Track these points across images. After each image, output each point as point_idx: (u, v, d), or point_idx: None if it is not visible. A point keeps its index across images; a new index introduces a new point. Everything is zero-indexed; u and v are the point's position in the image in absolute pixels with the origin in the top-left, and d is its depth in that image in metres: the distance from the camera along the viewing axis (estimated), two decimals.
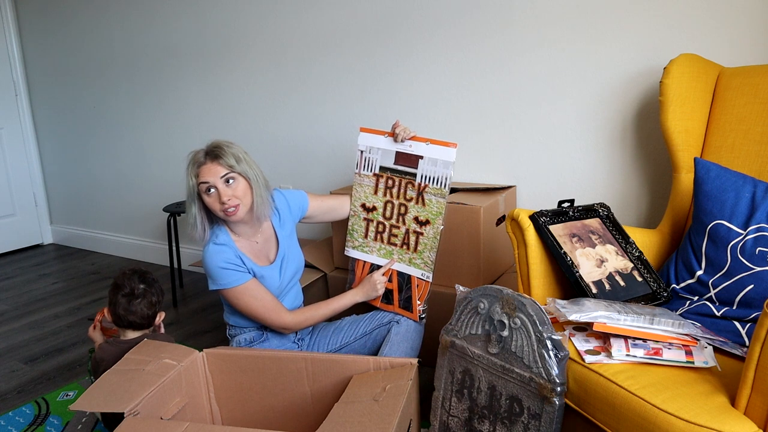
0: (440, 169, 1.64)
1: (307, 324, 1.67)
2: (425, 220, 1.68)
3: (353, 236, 1.82)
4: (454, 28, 2.28)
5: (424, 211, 1.68)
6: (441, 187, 1.64)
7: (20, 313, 2.90)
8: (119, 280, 1.60)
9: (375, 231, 1.78)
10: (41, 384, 2.17)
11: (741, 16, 1.77)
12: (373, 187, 1.76)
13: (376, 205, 1.77)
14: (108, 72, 3.51)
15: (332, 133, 2.71)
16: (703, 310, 1.39)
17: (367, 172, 1.77)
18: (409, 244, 1.71)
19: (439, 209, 1.65)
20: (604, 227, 1.63)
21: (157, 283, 1.65)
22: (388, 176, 1.74)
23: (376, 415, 1.19)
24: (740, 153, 1.58)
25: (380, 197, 1.76)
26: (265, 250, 1.70)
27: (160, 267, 3.54)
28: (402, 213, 1.72)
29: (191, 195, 1.60)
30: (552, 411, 1.22)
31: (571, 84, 2.09)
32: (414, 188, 1.69)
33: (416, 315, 1.70)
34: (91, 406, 1.25)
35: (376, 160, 1.75)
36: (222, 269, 1.57)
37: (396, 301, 1.73)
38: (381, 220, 1.76)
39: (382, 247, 1.76)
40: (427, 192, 1.67)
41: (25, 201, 4.04)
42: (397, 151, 1.71)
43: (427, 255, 1.68)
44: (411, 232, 1.70)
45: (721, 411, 1.05)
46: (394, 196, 1.73)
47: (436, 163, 1.64)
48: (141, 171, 3.55)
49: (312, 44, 2.67)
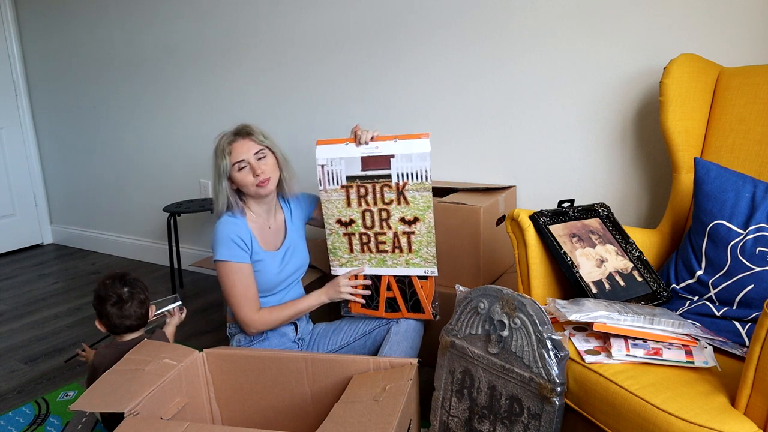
0: (417, 162, 1.55)
1: (272, 325, 1.66)
2: (413, 218, 1.61)
3: (336, 254, 1.72)
4: (454, 27, 2.28)
5: (409, 209, 1.60)
6: (422, 180, 1.56)
7: (20, 313, 2.89)
8: (101, 291, 1.59)
9: (360, 243, 1.68)
10: (41, 384, 2.17)
11: (741, 16, 1.77)
12: (345, 200, 1.66)
13: (353, 218, 1.67)
14: (108, 72, 3.51)
15: (332, 133, 2.71)
16: (703, 310, 1.39)
17: (333, 186, 1.66)
18: (401, 247, 1.65)
19: (427, 203, 1.58)
20: (604, 227, 1.63)
21: (138, 280, 1.65)
22: (359, 185, 1.63)
23: (376, 415, 1.19)
24: (740, 153, 1.58)
25: (355, 208, 1.66)
26: (274, 238, 1.73)
27: (160, 267, 3.54)
28: (384, 218, 1.64)
29: (222, 174, 1.63)
30: (552, 411, 1.22)
31: (571, 84, 2.09)
32: (392, 189, 1.60)
33: (429, 314, 1.67)
34: (91, 406, 1.26)
35: (340, 172, 1.64)
36: (230, 239, 1.60)
37: (402, 307, 1.69)
38: (363, 231, 1.67)
39: (373, 257, 1.69)
40: (408, 189, 1.59)
41: (25, 201, 4.03)
42: (362, 157, 1.61)
43: (425, 251, 1.63)
44: (400, 234, 1.63)
45: (721, 411, 1.05)
46: (371, 204, 1.63)
47: (411, 158, 1.56)
48: (141, 171, 3.55)
49: (311, 44, 2.67)
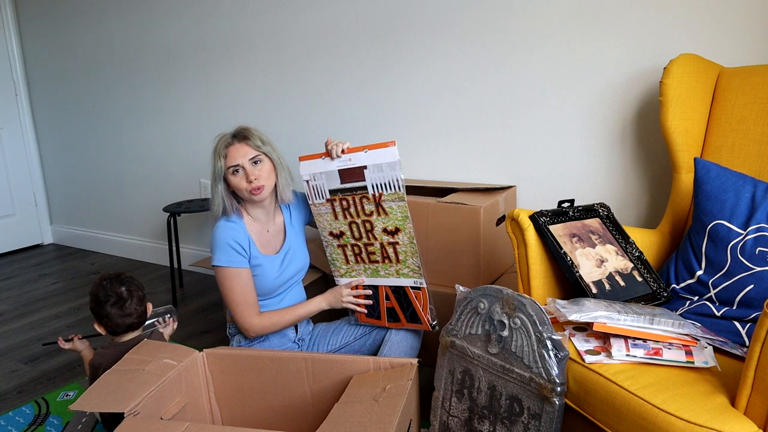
0: (387, 172, 1.52)
1: (271, 330, 1.66)
2: (394, 229, 1.58)
3: (336, 265, 1.74)
4: (454, 27, 2.28)
5: (389, 220, 1.58)
6: (396, 190, 1.53)
7: (20, 313, 2.89)
8: (99, 293, 1.58)
9: (353, 254, 1.69)
10: (41, 384, 2.17)
11: (741, 16, 1.77)
12: (332, 212, 1.66)
13: (342, 230, 1.67)
14: (108, 72, 3.51)
15: (332, 132, 2.71)
16: (703, 310, 1.39)
17: (320, 200, 1.66)
18: (389, 257, 1.63)
19: (404, 213, 1.55)
20: (604, 227, 1.63)
21: (134, 279, 1.65)
22: (341, 198, 1.63)
23: (376, 415, 1.19)
24: (740, 153, 1.58)
25: (342, 221, 1.66)
26: (273, 242, 1.73)
27: (160, 267, 3.54)
28: (369, 229, 1.63)
29: (218, 176, 1.62)
30: (552, 411, 1.22)
31: (572, 84, 2.09)
32: (370, 201, 1.58)
33: (427, 325, 1.65)
34: (91, 406, 1.25)
35: (323, 186, 1.64)
36: (227, 245, 1.59)
37: (402, 317, 1.68)
38: (353, 242, 1.67)
39: (367, 267, 1.69)
40: (384, 200, 1.56)
41: (25, 201, 4.03)
42: (339, 170, 1.59)
43: (411, 261, 1.60)
44: (386, 244, 1.62)
45: (721, 411, 1.05)
46: (354, 216, 1.63)
47: (381, 168, 1.52)
48: (141, 171, 3.55)
49: (311, 44, 2.67)
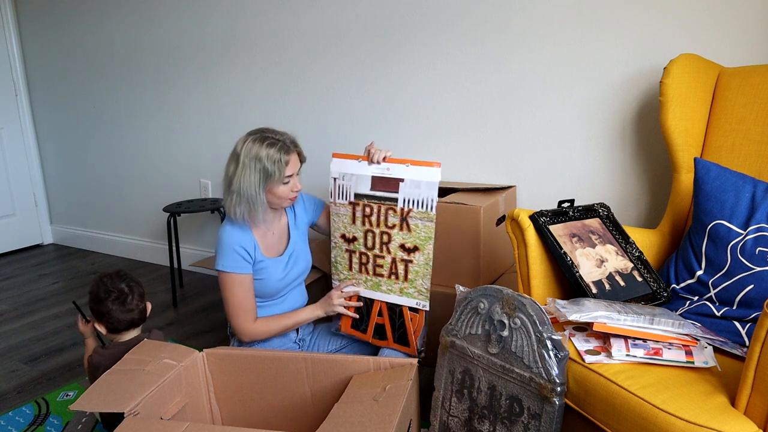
0: (424, 191, 1.51)
1: (266, 336, 1.65)
2: (413, 247, 1.55)
3: (338, 269, 1.71)
4: (454, 27, 2.28)
5: (410, 237, 1.55)
6: (427, 210, 1.52)
7: (20, 313, 2.89)
8: (100, 291, 1.58)
9: (359, 262, 1.66)
10: (41, 384, 2.17)
11: (741, 16, 1.77)
12: (350, 216, 1.64)
13: (356, 235, 1.64)
14: (108, 72, 3.51)
15: (332, 132, 2.71)
16: (703, 310, 1.39)
17: (342, 201, 1.65)
18: (397, 274, 1.59)
19: (428, 234, 1.53)
20: (604, 227, 1.63)
21: (133, 276, 1.66)
22: (365, 204, 1.61)
23: (376, 415, 1.19)
24: (740, 153, 1.58)
25: (359, 227, 1.63)
26: (277, 244, 1.73)
27: (160, 267, 3.53)
28: (385, 242, 1.59)
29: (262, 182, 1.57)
30: (552, 411, 1.22)
31: (571, 84, 2.09)
32: (396, 214, 1.56)
33: (414, 349, 1.61)
34: (91, 406, 1.25)
35: (350, 187, 1.62)
36: (233, 250, 1.59)
37: (390, 336, 1.65)
38: (363, 250, 1.64)
39: (369, 279, 1.65)
40: (411, 217, 1.54)
41: (25, 201, 4.03)
42: (373, 176, 1.59)
43: (420, 283, 1.57)
44: (398, 261, 1.58)
45: (721, 411, 1.05)
46: (374, 225, 1.60)
47: (419, 185, 1.52)
48: (141, 171, 3.55)
49: (311, 44, 2.67)
